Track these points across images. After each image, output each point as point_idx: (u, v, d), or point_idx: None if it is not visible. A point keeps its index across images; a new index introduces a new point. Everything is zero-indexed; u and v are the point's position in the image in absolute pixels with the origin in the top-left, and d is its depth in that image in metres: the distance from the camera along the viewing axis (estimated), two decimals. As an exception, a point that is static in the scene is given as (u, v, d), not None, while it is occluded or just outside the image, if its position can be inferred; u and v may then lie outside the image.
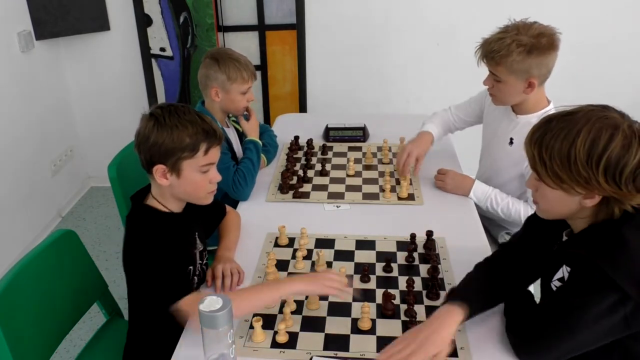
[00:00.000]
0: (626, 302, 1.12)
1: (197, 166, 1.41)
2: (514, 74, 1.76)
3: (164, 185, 1.42)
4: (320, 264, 1.56)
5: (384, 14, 3.28)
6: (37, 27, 3.13)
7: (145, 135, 1.38)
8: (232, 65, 2.00)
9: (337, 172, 2.13)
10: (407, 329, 1.30)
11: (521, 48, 1.71)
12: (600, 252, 1.14)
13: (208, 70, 2.03)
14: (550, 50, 1.74)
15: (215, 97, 2.03)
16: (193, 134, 1.38)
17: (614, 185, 1.11)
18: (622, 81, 3.30)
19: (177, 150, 1.37)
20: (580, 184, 1.14)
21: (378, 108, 3.49)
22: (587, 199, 1.17)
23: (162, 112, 1.40)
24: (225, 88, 2.02)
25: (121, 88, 3.52)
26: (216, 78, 2.01)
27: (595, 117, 1.12)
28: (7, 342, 1.31)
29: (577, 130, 1.12)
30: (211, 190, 1.48)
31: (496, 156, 2.02)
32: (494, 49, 1.74)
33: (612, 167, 1.10)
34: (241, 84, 2.02)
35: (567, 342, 1.16)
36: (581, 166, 1.12)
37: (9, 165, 2.94)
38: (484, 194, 1.91)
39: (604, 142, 1.10)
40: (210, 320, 1.02)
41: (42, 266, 1.50)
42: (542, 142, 1.17)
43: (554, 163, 1.15)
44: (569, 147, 1.13)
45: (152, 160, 1.39)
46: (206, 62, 2.04)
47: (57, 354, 1.62)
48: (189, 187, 1.43)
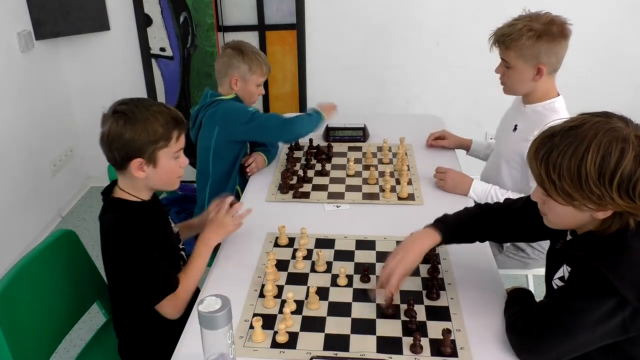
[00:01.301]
0: (624, 307, 1.11)
1: (171, 153, 1.46)
2: (522, 59, 1.80)
3: (139, 178, 1.44)
4: (320, 264, 1.56)
5: (384, 14, 3.28)
6: (37, 27, 3.12)
7: (118, 133, 1.40)
8: (255, 58, 2.13)
9: (337, 172, 2.13)
10: (407, 329, 1.31)
11: (531, 32, 1.76)
12: (599, 255, 1.14)
13: (230, 60, 2.12)
14: (560, 38, 1.77)
15: (234, 85, 2.14)
16: (164, 123, 1.43)
17: (628, 200, 1.08)
18: (623, 81, 3.31)
19: (152, 142, 1.41)
20: (592, 201, 1.10)
21: (378, 108, 3.48)
22: (599, 212, 1.13)
23: (129, 107, 1.42)
24: (245, 78, 2.13)
25: (121, 88, 3.51)
26: (238, 67, 2.11)
27: (602, 130, 1.08)
28: (7, 342, 1.31)
29: (585, 147, 1.07)
30: (180, 174, 1.53)
31: (501, 143, 2.07)
32: (505, 32, 1.81)
33: (625, 183, 1.06)
34: (259, 77, 2.15)
35: (566, 344, 1.16)
36: (593, 184, 1.07)
37: (9, 165, 2.94)
38: (484, 191, 1.91)
39: (616, 159, 1.06)
40: (210, 321, 1.02)
41: (42, 266, 1.50)
42: (548, 159, 1.12)
43: (564, 182, 1.10)
44: (578, 165, 1.08)
45: (128, 156, 1.42)
46: (227, 52, 2.14)
47: (57, 354, 1.62)
48: (163, 174, 1.48)
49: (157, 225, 1.52)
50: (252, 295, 1.46)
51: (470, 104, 3.39)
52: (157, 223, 1.52)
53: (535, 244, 2.01)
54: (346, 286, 1.48)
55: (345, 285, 1.49)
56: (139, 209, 1.49)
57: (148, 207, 1.52)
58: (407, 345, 1.27)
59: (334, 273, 1.54)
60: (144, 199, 1.52)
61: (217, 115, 2.09)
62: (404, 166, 2.09)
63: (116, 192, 1.50)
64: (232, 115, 2.08)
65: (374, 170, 2.05)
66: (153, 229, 1.47)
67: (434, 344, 1.27)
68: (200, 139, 2.17)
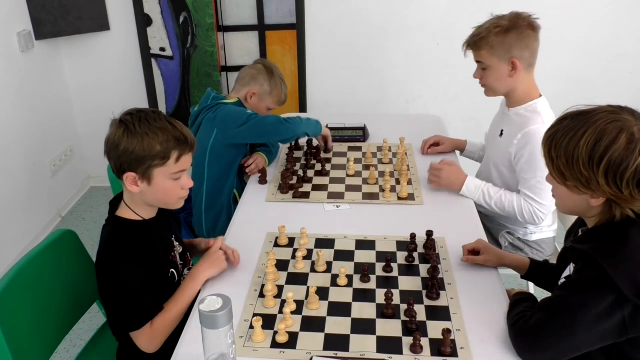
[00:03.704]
0: (624, 304, 1.11)
1: (169, 174, 1.40)
2: (495, 56, 1.84)
3: (135, 192, 1.41)
4: (320, 264, 1.56)
5: (384, 14, 3.28)
6: (37, 27, 3.12)
7: (115, 142, 1.37)
8: (279, 85, 2.23)
9: (337, 172, 2.13)
10: (407, 329, 1.31)
11: (499, 28, 1.81)
12: (599, 249, 1.15)
13: (259, 74, 2.19)
14: (528, 30, 1.81)
15: (249, 97, 2.19)
16: (164, 141, 1.37)
17: (615, 188, 1.11)
18: (624, 80, 3.31)
19: (147, 159, 1.36)
20: (582, 184, 1.15)
21: (378, 108, 3.49)
22: (593, 199, 1.17)
23: (132, 118, 1.38)
24: (262, 97, 2.20)
25: (121, 88, 3.52)
26: (262, 84, 2.19)
27: (605, 118, 1.12)
28: (7, 342, 1.31)
29: (585, 130, 1.12)
30: (182, 196, 1.47)
31: (490, 149, 2.09)
32: (474, 34, 1.87)
33: (613, 169, 1.10)
34: (274, 103, 2.24)
35: (566, 341, 1.16)
36: (582, 166, 1.12)
37: (9, 165, 2.94)
38: (477, 188, 1.92)
39: (606, 143, 1.10)
40: (211, 320, 1.02)
41: (42, 266, 1.50)
42: (553, 139, 1.18)
43: (560, 161, 1.16)
44: (574, 146, 1.13)
45: (122, 168, 1.38)
46: (259, 67, 2.21)
47: (57, 354, 1.62)
48: (160, 194, 1.42)
49: (151, 248, 1.45)
50: (252, 295, 1.46)
51: (470, 104, 3.38)
52: (151, 246, 1.45)
53: (535, 244, 2.01)
54: (346, 286, 1.48)
55: (345, 285, 1.49)
56: (134, 229, 1.44)
57: (146, 227, 1.46)
58: (407, 345, 1.27)
59: (334, 273, 1.54)
60: (144, 217, 1.46)
61: (217, 119, 2.09)
62: (404, 166, 2.09)
63: (120, 209, 1.47)
64: (230, 118, 2.08)
65: (374, 170, 2.05)
66: (144, 252, 1.41)
67: (434, 344, 1.27)
68: (198, 140, 2.16)
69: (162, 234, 1.52)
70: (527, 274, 1.54)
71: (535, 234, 2.00)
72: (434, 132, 2.36)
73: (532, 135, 1.80)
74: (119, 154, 1.37)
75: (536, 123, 1.81)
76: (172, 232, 1.57)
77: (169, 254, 1.53)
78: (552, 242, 2.06)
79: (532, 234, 2.00)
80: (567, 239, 1.40)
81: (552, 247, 2.07)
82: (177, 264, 1.55)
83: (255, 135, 2.10)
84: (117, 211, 1.47)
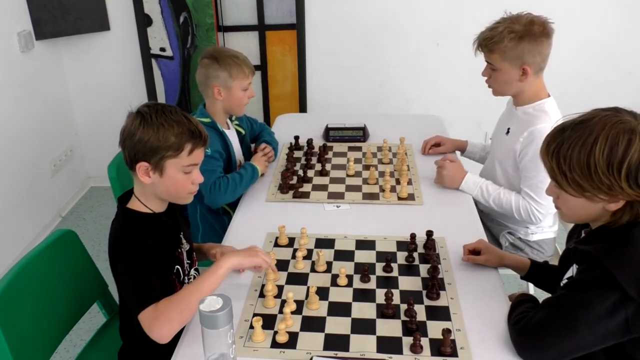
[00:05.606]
0: (627, 303, 1.11)
1: (181, 166, 1.41)
2: (507, 61, 1.82)
3: (146, 184, 1.42)
4: (320, 264, 1.56)
5: (383, 14, 3.28)
6: (37, 27, 3.12)
7: (131, 132, 1.39)
8: (232, 62, 1.99)
9: (337, 172, 2.13)
10: (407, 329, 1.31)
11: (513, 34, 1.78)
12: (603, 248, 1.15)
13: (208, 70, 2.01)
14: (542, 37, 1.79)
15: (218, 96, 2.02)
16: (178, 133, 1.39)
17: (637, 189, 1.11)
18: (624, 80, 3.31)
19: (161, 149, 1.38)
20: (603, 191, 1.14)
21: (378, 108, 3.49)
22: (611, 203, 1.16)
23: (149, 110, 1.40)
24: (227, 86, 2.00)
25: (121, 88, 3.52)
26: (217, 76, 2.00)
27: (610, 123, 1.12)
28: (7, 342, 1.31)
29: (594, 138, 1.11)
30: (192, 191, 1.48)
31: (495, 146, 2.08)
32: (487, 36, 1.84)
33: (634, 171, 1.10)
34: (242, 80, 2.02)
35: (567, 340, 1.16)
36: (602, 174, 1.11)
37: (9, 165, 2.94)
38: (475, 185, 1.92)
39: (623, 148, 1.09)
40: (211, 320, 1.02)
41: (42, 266, 1.50)
42: (559, 152, 1.16)
43: (575, 173, 1.14)
44: (587, 155, 1.12)
45: (136, 157, 1.40)
46: (204, 63, 2.03)
47: (57, 354, 1.62)
48: (170, 186, 1.44)
49: (159, 240, 1.44)
50: (252, 295, 1.46)
51: (470, 104, 3.39)
52: (159, 238, 1.45)
53: (535, 245, 2.01)
54: (346, 286, 1.48)
55: (345, 285, 1.49)
56: (144, 220, 1.45)
57: (155, 220, 1.47)
58: (407, 345, 1.27)
59: (334, 273, 1.54)
60: (154, 210, 1.47)
61: None
62: (404, 166, 2.09)
63: (130, 201, 1.48)
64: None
65: (374, 170, 2.05)
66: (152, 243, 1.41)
67: (434, 344, 1.27)
68: None
69: (171, 228, 1.52)
70: (527, 274, 1.54)
71: (536, 235, 2.00)
72: (434, 132, 2.37)
73: (538, 133, 1.79)
74: (134, 143, 1.39)
75: (543, 122, 1.81)
76: (180, 229, 1.57)
77: (176, 250, 1.53)
78: (552, 242, 2.06)
79: (532, 234, 2.00)
80: (569, 240, 1.39)
81: (553, 247, 2.07)
82: (183, 262, 1.54)
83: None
84: (128, 204, 1.48)
